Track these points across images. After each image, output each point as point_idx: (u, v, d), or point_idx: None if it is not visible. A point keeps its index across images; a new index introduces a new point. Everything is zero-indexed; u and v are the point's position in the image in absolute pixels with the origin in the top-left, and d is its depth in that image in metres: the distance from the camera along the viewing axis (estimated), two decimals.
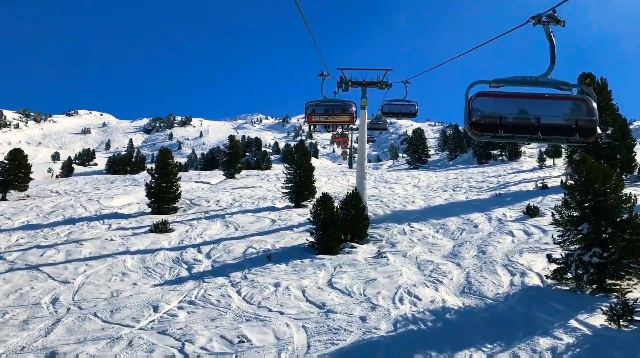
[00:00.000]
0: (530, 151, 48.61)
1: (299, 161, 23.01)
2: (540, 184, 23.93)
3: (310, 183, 23.24)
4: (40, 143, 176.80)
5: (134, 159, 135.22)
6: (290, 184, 22.93)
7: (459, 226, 17.87)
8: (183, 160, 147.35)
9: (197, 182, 35.90)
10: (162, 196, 23.63)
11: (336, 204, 16.17)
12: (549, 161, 37.28)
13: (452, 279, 12.10)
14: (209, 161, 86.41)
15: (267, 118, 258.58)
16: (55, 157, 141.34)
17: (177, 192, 24.10)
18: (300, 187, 22.69)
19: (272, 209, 22.52)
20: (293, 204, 22.84)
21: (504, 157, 45.35)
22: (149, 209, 23.49)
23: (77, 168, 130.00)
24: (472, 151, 50.52)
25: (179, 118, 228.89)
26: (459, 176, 36.25)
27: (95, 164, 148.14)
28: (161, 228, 18.18)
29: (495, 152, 46.96)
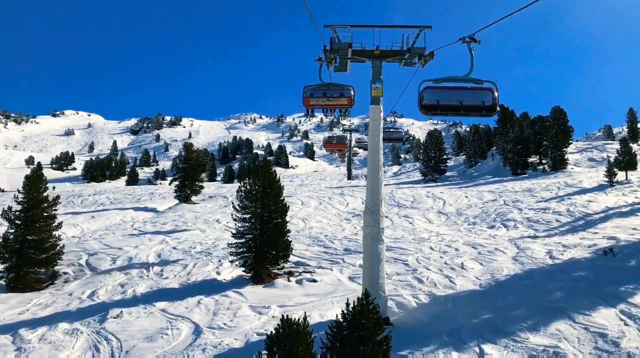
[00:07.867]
0: (573, 158, 38.83)
1: (261, 197, 13.00)
2: None
3: (282, 236, 13.12)
4: (16, 146, 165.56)
5: (114, 164, 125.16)
6: (243, 240, 12.91)
7: None
8: (168, 164, 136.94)
9: (136, 210, 25.82)
10: (31, 257, 13.79)
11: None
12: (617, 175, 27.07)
13: None
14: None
15: (261, 117, 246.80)
16: (30, 161, 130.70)
17: (57, 248, 14.22)
18: (261, 245, 12.66)
19: (211, 287, 12.43)
20: (249, 275, 12.80)
21: (546, 167, 35.52)
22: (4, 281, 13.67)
23: (53, 174, 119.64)
24: (499, 158, 40.73)
25: (168, 118, 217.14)
26: (497, 197, 26.51)
27: (74, 169, 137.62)
28: None
29: (532, 159, 37.18)
